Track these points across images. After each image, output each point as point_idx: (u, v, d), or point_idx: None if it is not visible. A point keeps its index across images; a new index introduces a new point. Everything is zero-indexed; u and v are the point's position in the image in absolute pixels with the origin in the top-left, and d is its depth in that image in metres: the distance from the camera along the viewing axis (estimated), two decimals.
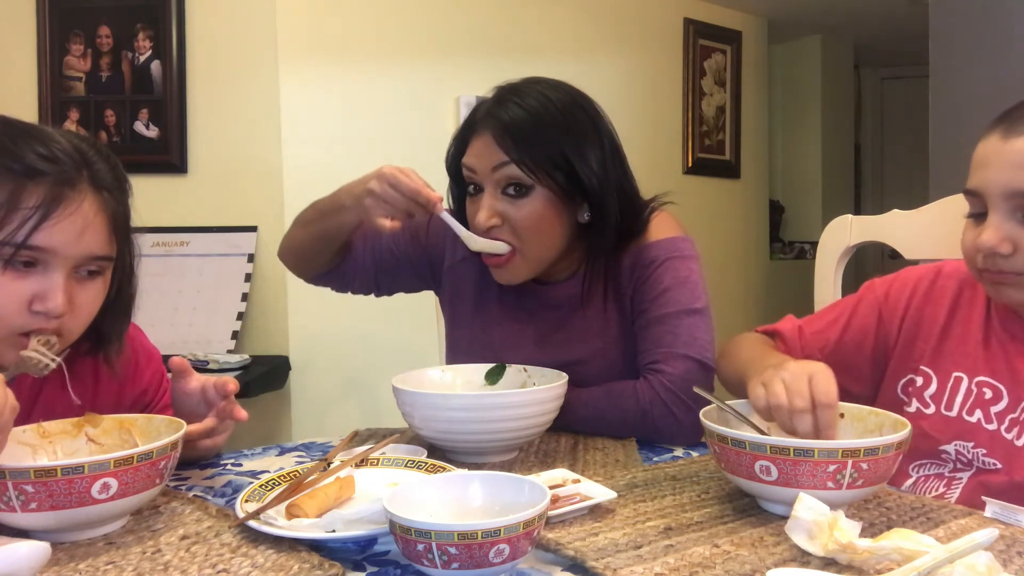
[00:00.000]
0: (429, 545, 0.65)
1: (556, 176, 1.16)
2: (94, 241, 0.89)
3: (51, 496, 0.73)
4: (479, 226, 1.18)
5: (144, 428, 0.92)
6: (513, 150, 1.15)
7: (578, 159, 1.17)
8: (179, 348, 2.31)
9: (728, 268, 3.96)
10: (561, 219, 1.20)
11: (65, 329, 0.90)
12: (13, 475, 0.72)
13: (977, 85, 2.41)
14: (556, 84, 1.23)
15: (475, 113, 1.23)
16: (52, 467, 0.73)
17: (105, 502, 0.75)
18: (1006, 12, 2.36)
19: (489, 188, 1.18)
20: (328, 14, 2.63)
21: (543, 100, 1.18)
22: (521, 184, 1.16)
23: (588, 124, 1.20)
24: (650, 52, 3.58)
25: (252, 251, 2.53)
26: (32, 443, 0.88)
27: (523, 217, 1.17)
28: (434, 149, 2.85)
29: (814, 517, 0.72)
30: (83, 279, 0.90)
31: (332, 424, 2.60)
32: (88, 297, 0.91)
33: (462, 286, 1.36)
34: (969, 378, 1.00)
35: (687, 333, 1.18)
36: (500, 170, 1.16)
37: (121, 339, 1.01)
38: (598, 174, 1.18)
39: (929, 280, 1.11)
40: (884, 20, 4.21)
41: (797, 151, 4.68)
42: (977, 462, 0.97)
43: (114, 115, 2.55)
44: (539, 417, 1.04)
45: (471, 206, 1.22)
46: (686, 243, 1.26)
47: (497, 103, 1.20)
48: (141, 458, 0.77)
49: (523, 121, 1.16)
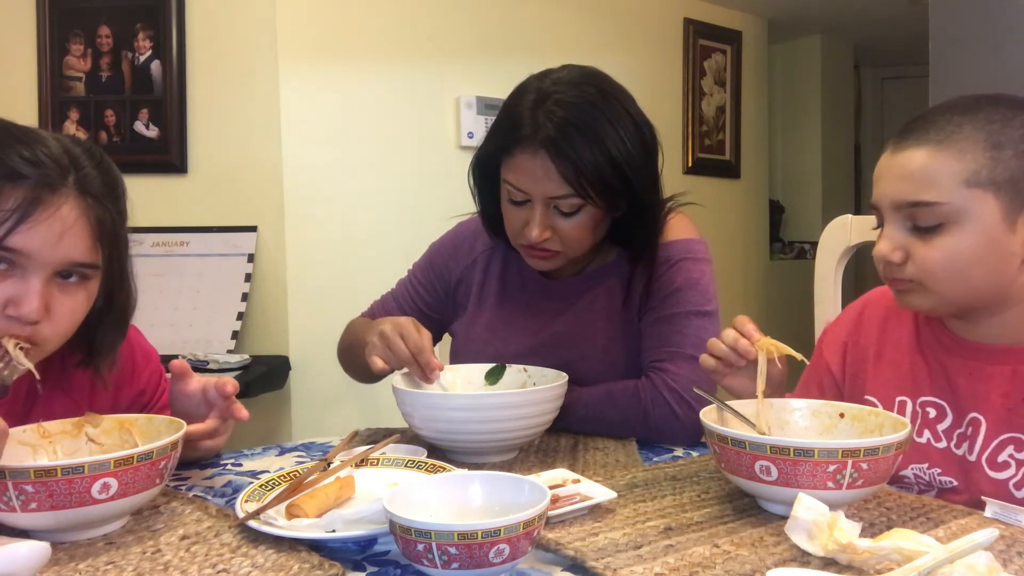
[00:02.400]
0: (429, 545, 0.65)
1: (610, 192, 1.15)
2: (75, 247, 0.86)
3: (51, 496, 0.73)
4: (532, 241, 1.18)
5: (144, 428, 0.92)
6: (572, 179, 1.12)
7: (628, 164, 1.15)
8: (179, 348, 2.31)
9: (728, 268, 3.96)
10: (604, 222, 1.21)
11: (40, 337, 0.87)
12: (13, 475, 0.72)
13: (977, 85, 2.40)
14: (593, 78, 1.19)
15: (518, 118, 1.15)
16: (52, 467, 0.74)
17: (105, 502, 0.76)
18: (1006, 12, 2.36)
19: (540, 207, 1.16)
20: (328, 14, 2.63)
21: (592, 110, 1.13)
22: (576, 208, 1.16)
23: (629, 120, 1.17)
24: (650, 52, 3.58)
25: (252, 251, 2.53)
26: (32, 443, 0.88)
27: (573, 229, 1.18)
28: (434, 149, 2.87)
29: (813, 517, 0.72)
30: (65, 286, 0.88)
31: (332, 424, 2.60)
32: (69, 305, 0.89)
33: (469, 289, 1.37)
34: (912, 400, 1.01)
35: (695, 334, 1.18)
36: (558, 199, 1.15)
37: (114, 352, 0.99)
38: (644, 171, 1.18)
39: (857, 312, 1.13)
40: (884, 20, 4.21)
41: (797, 151, 4.68)
42: (935, 483, 0.97)
43: (114, 115, 2.55)
44: (539, 417, 1.04)
45: (514, 214, 1.20)
46: (701, 245, 1.27)
47: (545, 115, 1.13)
48: (141, 458, 0.77)
49: (578, 144, 1.11)
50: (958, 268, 0.90)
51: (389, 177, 2.75)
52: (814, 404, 0.96)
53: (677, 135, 3.74)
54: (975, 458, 0.94)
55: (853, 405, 0.94)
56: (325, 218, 2.62)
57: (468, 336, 1.35)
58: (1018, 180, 0.87)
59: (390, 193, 2.74)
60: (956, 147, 0.88)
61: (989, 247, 0.89)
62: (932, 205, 0.89)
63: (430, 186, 2.78)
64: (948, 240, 0.89)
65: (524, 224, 1.18)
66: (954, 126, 0.90)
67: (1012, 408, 0.93)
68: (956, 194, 0.88)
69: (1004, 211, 0.88)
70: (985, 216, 0.88)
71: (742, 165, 4.06)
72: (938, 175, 0.89)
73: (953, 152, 0.88)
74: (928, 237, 0.90)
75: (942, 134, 0.90)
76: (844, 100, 4.80)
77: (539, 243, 1.18)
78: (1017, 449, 0.92)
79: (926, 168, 0.89)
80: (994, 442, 0.93)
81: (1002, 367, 0.94)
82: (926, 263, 0.91)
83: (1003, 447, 0.93)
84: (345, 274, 2.62)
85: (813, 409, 0.95)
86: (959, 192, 0.88)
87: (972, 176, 0.87)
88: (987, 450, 0.94)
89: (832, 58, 4.63)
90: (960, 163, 0.88)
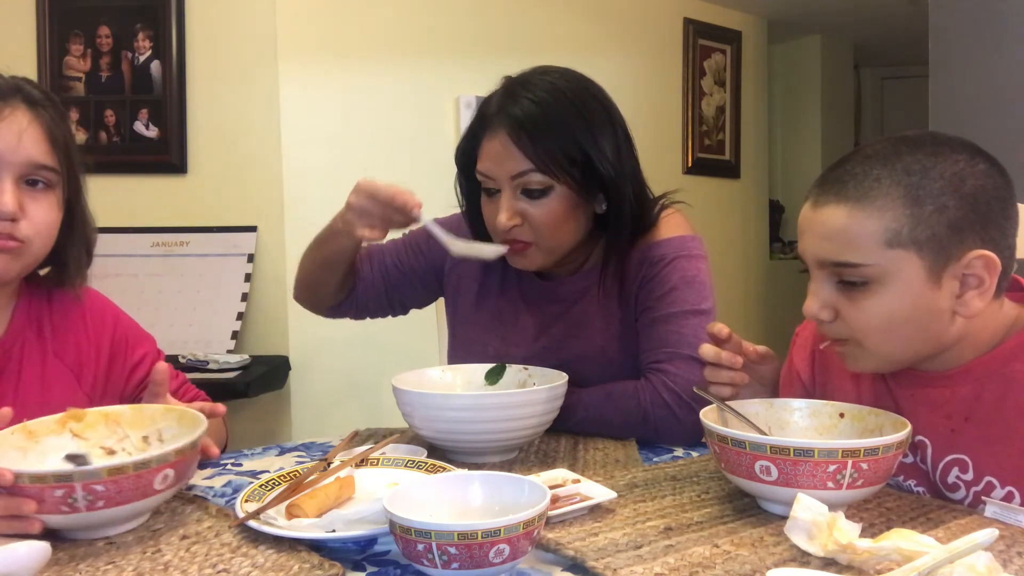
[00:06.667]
0: (429, 545, 0.65)
1: (574, 173, 1.15)
2: (34, 147, 0.97)
3: (120, 492, 0.75)
4: (500, 228, 1.17)
5: (134, 419, 0.92)
6: (532, 153, 1.13)
7: (595, 150, 1.15)
8: (179, 348, 2.31)
9: (728, 268, 3.96)
10: (579, 212, 1.20)
11: (22, 234, 0.96)
12: (81, 476, 0.74)
13: (977, 85, 2.41)
14: (565, 72, 1.21)
15: (486, 107, 1.20)
16: (123, 464, 0.75)
17: (163, 491, 0.79)
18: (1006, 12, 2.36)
19: (507, 191, 1.17)
20: (328, 14, 2.63)
21: (555, 92, 1.16)
22: (541, 187, 1.16)
23: (601, 112, 1.19)
24: (650, 52, 3.58)
25: (252, 251, 2.53)
26: (21, 446, 0.86)
27: (542, 215, 1.17)
28: (434, 149, 2.88)
29: (812, 517, 0.72)
30: (33, 193, 0.98)
31: (332, 424, 2.60)
32: (42, 208, 0.99)
33: (463, 284, 1.37)
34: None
35: (692, 334, 1.17)
36: (520, 177, 1.15)
37: (80, 268, 1.09)
38: (614, 163, 1.17)
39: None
40: (884, 20, 4.21)
41: (797, 151, 4.68)
42: (914, 494, 0.96)
43: (114, 115, 2.55)
44: (539, 417, 1.04)
45: (489, 207, 1.21)
46: (695, 242, 1.26)
47: (508, 98, 1.17)
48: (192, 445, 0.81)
49: (538, 119, 1.14)
50: (889, 328, 0.87)
51: (389, 177, 2.73)
52: (814, 404, 0.96)
53: (677, 135, 3.74)
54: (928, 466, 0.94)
55: (853, 405, 0.94)
56: (325, 218, 2.60)
57: (468, 337, 1.35)
58: (940, 236, 0.84)
59: None
60: (874, 205, 0.85)
61: (917, 306, 0.86)
62: (855, 266, 0.86)
63: (430, 186, 2.74)
64: (875, 301, 0.87)
65: (497, 216, 1.18)
66: (872, 180, 0.86)
67: (955, 429, 0.91)
68: (878, 255, 0.85)
69: (928, 269, 0.85)
70: (910, 276, 0.85)
71: (742, 165, 4.06)
72: (858, 236, 0.86)
73: (872, 211, 0.85)
74: (855, 296, 0.88)
75: (860, 190, 0.86)
76: (844, 100, 4.80)
77: (509, 232, 1.17)
78: (962, 471, 0.91)
79: (847, 229, 0.86)
80: (940, 464, 0.92)
81: (942, 390, 0.93)
82: (858, 323, 0.88)
83: (949, 469, 0.92)
84: None
85: (813, 409, 0.95)
86: (881, 253, 0.85)
87: (893, 236, 0.85)
88: (936, 472, 0.93)
89: (832, 58, 4.63)
90: (880, 222, 0.85)
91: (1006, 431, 0.88)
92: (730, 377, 0.98)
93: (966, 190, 0.85)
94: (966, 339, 0.91)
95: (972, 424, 0.90)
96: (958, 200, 0.84)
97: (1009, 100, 2.34)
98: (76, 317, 1.10)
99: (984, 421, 0.90)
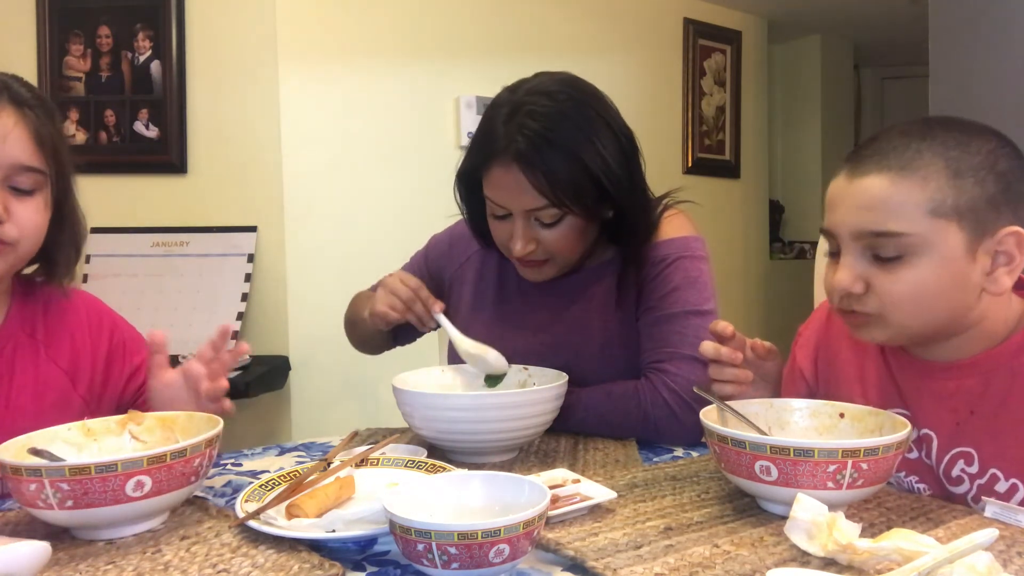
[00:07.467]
0: (429, 545, 0.65)
1: (587, 202, 1.15)
2: (19, 149, 0.95)
3: (86, 494, 0.74)
4: (516, 255, 1.19)
5: (186, 426, 0.93)
6: (546, 190, 1.12)
7: (606, 175, 1.14)
8: (179, 348, 2.31)
9: (728, 268, 3.96)
10: (590, 227, 1.21)
11: (9, 236, 0.95)
12: (49, 473, 0.73)
13: (977, 85, 2.41)
14: (566, 88, 1.17)
15: (492, 130, 1.15)
16: (86, 465, 0.74)
17: (139, 500, 0.76)
18: (1006, 12, 2.36)
19: (520, 221, 1.17)
20: (328, 14, 2.63)
21: (562, 120, 1.13)
22: (555, 218, 1.16)
23: (606, 131, 1.16)
24: (650, 52, 3.58)
25: (252, 251, 2.53)
26: (77, 442, 0.89)
27: (557, 240, 1.18)
28: (434, 149, 2.87)
29: (812, 517, 0.72)
30: (19, 196, 0.97)
31: (332, 424, 2.60)
32: (28, 210, 0.97)
33: (463, 285, 1.38)
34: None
35: (694, 334, 1.17)
36: (535, 211, 1.16)
37: (69, 267, 1.08)
38: (624, 181, 1.17)
39: (827, 309, 1.10)
40: (884, 20, 4.21)
41: (797, 151, 4.68)
42: (914, 491, 0.96)
43: (114, 115, 2.55)
44: (539, 417, 1.04)
45: (499, 228, 1.21)
46: (698, 243, 1.26)
47: (516, 128, 1.13)
48: (175, 456, 0.78)
49: (549, 155, 1.11)
50: (921, 300, 0.87)
51: (389, 177, 2.75)
52: (814, 404, 0.96)
53: (677, 135, 3.74)
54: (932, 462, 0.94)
55: (853, 405, 0.93)
56: (325, 218, 2.63)
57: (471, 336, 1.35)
58: (979, 209, 0.85)
59: (390, 193, 2.74)
60: (918, 174, 0.85)
61: (952, 279, 0.86)
62: (897, 236, 0.86)
63: (430, 186, 2.77)
64: (911, 272, 0.86)
65: (509, 237, 1.19)
66: (913, 151, 0.86)
67: (960, 422, 0.91)
68: (921, 224, 0.85)
69: (966, 241, 0.85)
70: (949, 247, 0.85)
71: (742, 165, 4.06)
72: (903, 205, 0.85)
73: (916, 180, 0.85)
74: (890, 268, 0.87)
75: (903, 160, 0.86)
76: (844, 100, 4.80)
77: (525, 256, 1.19)
78: (967, 463, 0.91)
79: (890, 197, 0.86)
80: (946, 457, 0.93)
81: (947, 382, 0.93)
82: (891, 296, 0.88)
83: (954, 462, 0.92)
84: (345, 274, 2.60)
85: (813, 409, 0.95)
86: (924, 222, 0.85)
87: (937, 205, 0.84)
88: (941, 465, 0.93)
89: (832, 58, 4.63)
90: (924, 192, 0.85)
91: (1012, 424, 0.88)
92: (734, 375, 0.98)
93: (1000, 168, 0.86)
94: (979, 326, 0.91)
95: (978, 417, 0.91)
96: (995, 176, 0.85)
97: (1009, 100, 2.34)
98: (72, 321, 1.10)
99: (990, 414, 0.90)
